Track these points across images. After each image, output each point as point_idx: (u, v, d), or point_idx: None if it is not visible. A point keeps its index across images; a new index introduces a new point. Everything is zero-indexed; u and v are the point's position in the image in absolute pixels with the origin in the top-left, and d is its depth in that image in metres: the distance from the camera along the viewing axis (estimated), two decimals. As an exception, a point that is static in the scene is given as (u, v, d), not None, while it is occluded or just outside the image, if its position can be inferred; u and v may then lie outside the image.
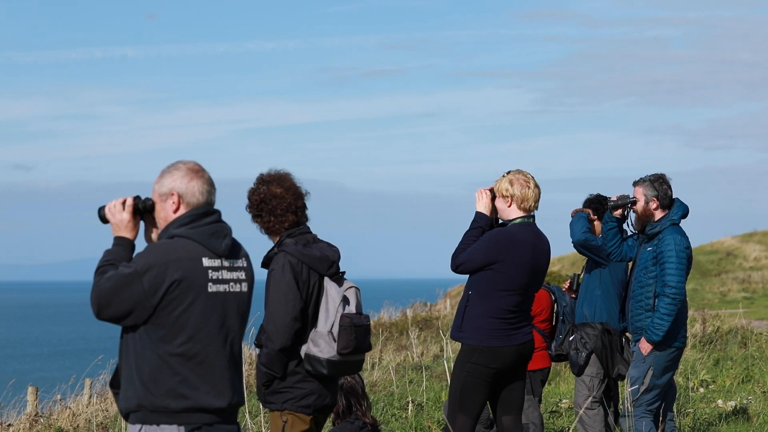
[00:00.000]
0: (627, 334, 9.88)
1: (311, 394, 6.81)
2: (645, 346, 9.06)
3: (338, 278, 6.90)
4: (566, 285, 10.54)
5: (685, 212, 9.26)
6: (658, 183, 9.25)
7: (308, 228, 7.00)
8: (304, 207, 7.01)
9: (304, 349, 6.77)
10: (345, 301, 6.83)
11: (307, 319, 6.78)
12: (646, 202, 9.26)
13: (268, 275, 6.87)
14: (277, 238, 6.96)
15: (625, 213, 9.49)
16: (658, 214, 9.24)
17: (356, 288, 6.94)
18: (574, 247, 10.15)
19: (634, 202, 9.32)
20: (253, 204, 6.98)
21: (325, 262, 6.82)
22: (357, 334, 6.77)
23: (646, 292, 9.15)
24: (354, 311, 6.84)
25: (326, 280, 6.82)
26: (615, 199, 9.45)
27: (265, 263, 6.91)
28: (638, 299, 9.19)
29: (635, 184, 9.34)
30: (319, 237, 7.02)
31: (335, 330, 6.75)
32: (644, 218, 9.29)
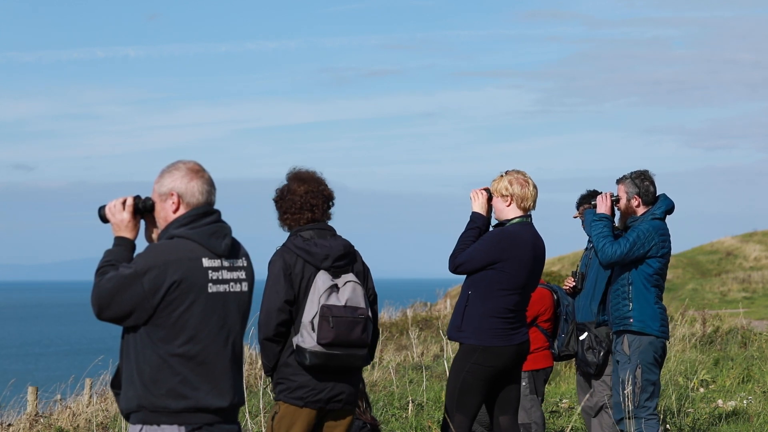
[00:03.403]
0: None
1: (303, 386, 6.80)
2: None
3: (336, 271, 6.84)
4: (569, 282, 10.34)
5: (669, 208, 9.25)
6: (640, 180, 9.25)
7: (325, 225, 6.98)
8: (323, 205, 6.99)
9: (294, 340, 6.78)
10: (334, 291, 6.77)
11: (298, 311, 6.79)
12: (628, 200, 9.27)
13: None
14: None
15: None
16: (641, 211, 9.25)
17: (355, 282, 6.83)
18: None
19: (617, 200, 9.34)
20: (275, 202, 7.08)
21: (318, 256, 6.81)
22: (337, 325, 6.68)
23: (622, 280, 9.17)
24: (342, 303, 6.75)
25: (320, 272, 6.79)
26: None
27: None
28: (616, 288, 9.21)
29: (618, 182, 9.38)
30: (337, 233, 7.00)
31: (316, 320, 6.71)
32: (627, 216, 9.31)
